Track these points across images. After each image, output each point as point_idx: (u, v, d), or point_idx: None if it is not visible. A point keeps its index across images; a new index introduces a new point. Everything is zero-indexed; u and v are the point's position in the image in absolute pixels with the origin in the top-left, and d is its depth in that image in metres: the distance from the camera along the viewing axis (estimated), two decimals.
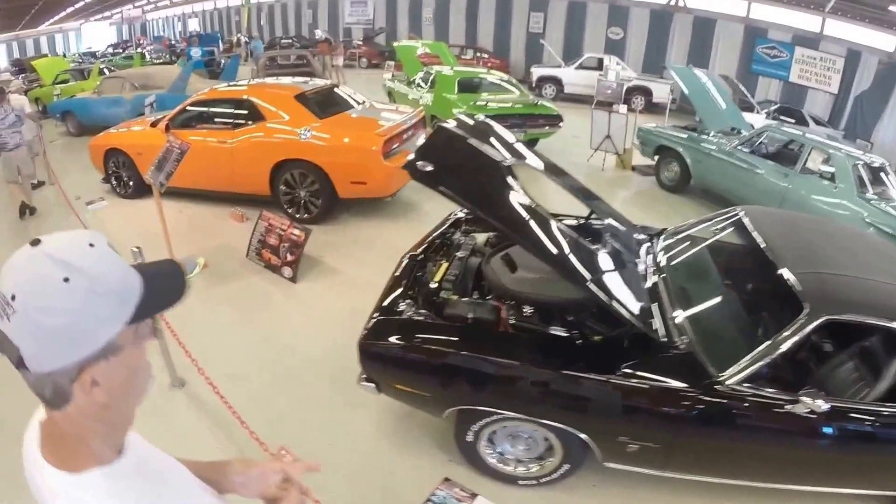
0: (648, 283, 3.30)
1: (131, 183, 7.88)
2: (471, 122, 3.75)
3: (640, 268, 3.47)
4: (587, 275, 2.76)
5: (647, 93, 16.71)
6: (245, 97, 6.93)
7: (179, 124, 7.20)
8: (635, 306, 2.86)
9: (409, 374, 3.02)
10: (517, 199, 3.03)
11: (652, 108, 16.17)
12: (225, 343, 4.49)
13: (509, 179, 3.14)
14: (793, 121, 13.16)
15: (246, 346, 4.51)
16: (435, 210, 7.29)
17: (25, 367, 0.81)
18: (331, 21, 30.83)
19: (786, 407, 2.54)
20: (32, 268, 0.81)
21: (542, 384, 2.74)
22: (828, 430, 2.61)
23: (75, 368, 0.83)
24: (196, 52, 22.06)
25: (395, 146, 6.53)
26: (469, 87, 10.37)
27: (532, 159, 3.80)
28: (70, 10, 36.75)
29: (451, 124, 3.49)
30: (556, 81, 18.03)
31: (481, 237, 4.30)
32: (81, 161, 9.83)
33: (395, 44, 15.34)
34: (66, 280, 0.80)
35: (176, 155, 5.21)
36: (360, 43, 26.57)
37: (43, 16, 36.84)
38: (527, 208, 2.99)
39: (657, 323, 2.90)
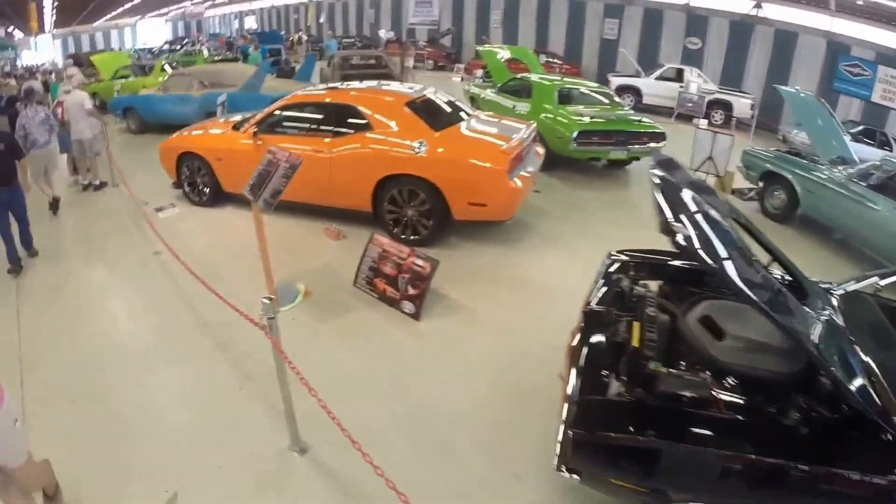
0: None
1: (207, 190, 7.30)
2: (668, 164, 3.32)
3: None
4: (823, 357, 2.48)
5: (726, 107, 15.71)
6: (349, 103, 6.26)
7: (266, 129, 6.58)
8: (867, 391, 2.51)
9: (631, 470, 2.56)
10: (749, 262, 2.78)
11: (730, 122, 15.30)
12: (348, 395, 3.67)
13: (736, 237, 2.88)
14: (873, 143, 12.29)
15: (373, 398, 3.78)
16: (552, 233, 6.65)
17: None
18: (394, 21, 30.30)
19: None
20: None
21: (771, 478, 2.41)
22: None
23: None
24: (253, 52, 21.73)
25: (518, 165, 5.79)
26: (566, 97, 9.59)
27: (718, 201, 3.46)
28: (128, 6, 37.09)
29: (662, 171, 3.07)
30: (635, 91, 17.06)
31: (653, 285, 3.73)
32: (143, 160, 9.41)
33: (479, 48, 14.60)
34: None
35: (284, 170, 4.53)
36: (425, 44, 25.99)
37: (100, 12, 37.26)
38: (759, 269, 2.77)
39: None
